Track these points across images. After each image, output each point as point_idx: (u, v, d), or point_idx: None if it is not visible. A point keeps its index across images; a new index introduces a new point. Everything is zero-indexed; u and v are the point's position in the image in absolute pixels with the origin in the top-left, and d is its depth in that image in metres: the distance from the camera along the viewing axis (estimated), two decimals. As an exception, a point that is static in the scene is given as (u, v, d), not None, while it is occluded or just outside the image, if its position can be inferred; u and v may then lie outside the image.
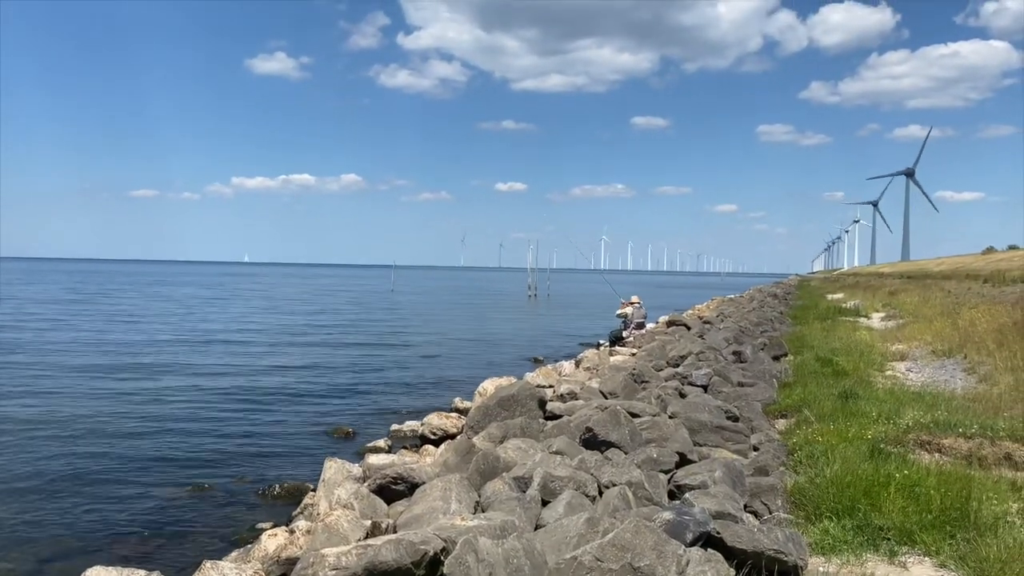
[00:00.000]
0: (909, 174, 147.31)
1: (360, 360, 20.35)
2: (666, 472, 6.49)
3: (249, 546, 5.72)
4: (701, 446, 7.61)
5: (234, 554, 5.75)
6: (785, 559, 4.54)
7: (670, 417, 8.18)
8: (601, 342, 21.55)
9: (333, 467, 7.28)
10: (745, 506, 5.88)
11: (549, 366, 15.59)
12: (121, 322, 30.52)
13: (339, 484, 6.77)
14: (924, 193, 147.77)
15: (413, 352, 22.64)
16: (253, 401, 13.93)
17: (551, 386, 11.87)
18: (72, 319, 31.22)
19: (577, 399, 9.95)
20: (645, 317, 21.71)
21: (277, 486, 8.40)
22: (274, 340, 25.24)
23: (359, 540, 4.92)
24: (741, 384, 11.12)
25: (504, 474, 5.92)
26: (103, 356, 19.78)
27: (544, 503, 5.45)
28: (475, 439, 7.84)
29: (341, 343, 24.82)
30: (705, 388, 10.63)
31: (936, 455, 7.33)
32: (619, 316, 21.29)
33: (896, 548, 5.16)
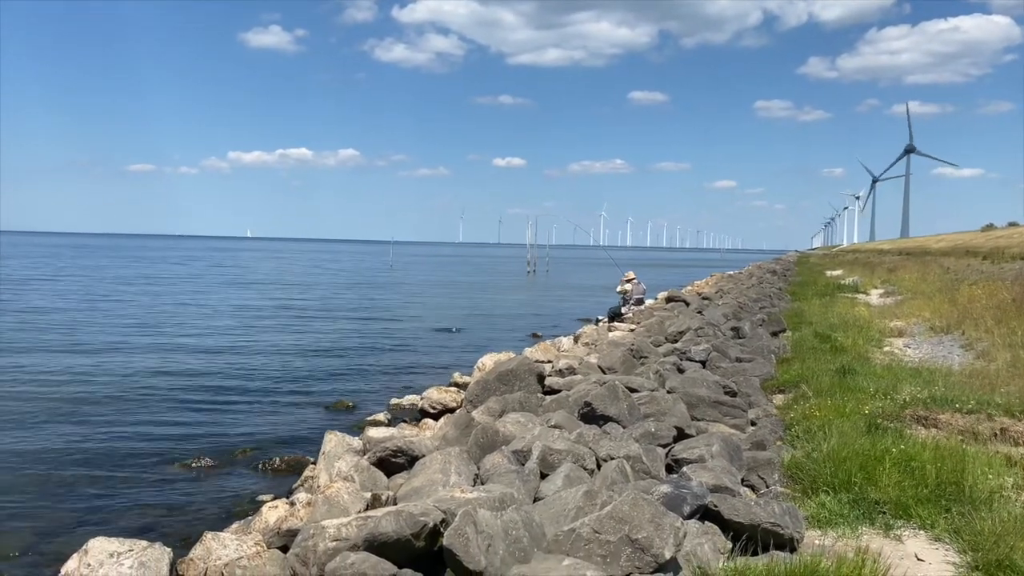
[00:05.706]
0: (910, 151, 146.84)
1: (360, 335, 20.38)
2: (664, 446, 6.52)
3: (250, 518, 5.77)
4: (699, 421, 7.64)
5: (235, 526, 5.80)
6: (781, 532, 4.58)
7: (668, 392, 8.20)
8: (600, 318, 21.57)
9: (333, 440, 7.32)
10: (742, 480, 5.92)
11: (548, 341, 15.59)
12: (108, 299, 30.50)
13: (339, 457, 6.81)
14: (935, 158, 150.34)
15: (413, 328, 22.67)
16: (254, 375, 13.98)
17: (550, 361, 11.90)
18: (55, 290, 31.20)
19: (576, 374, 9.98)
20: (644, 293, 21.71)
21: (277, 459, 8.45)
22: (274, 316, 25.28)
23: (359, 512, 4.95)
24: (739, 360, 11.14)
25: (503, 447, 5.95)
26: (100, 332, 19.80)
27: (543, 476, 5.48)
28: (474, 413, 7.88)
29: (341, 319, 24.84)
30: (703, 363, 10.65)
31: (933, 430, 7.37)
32: (619, 292, 21.28)
33: (892, 522, 5.20)
